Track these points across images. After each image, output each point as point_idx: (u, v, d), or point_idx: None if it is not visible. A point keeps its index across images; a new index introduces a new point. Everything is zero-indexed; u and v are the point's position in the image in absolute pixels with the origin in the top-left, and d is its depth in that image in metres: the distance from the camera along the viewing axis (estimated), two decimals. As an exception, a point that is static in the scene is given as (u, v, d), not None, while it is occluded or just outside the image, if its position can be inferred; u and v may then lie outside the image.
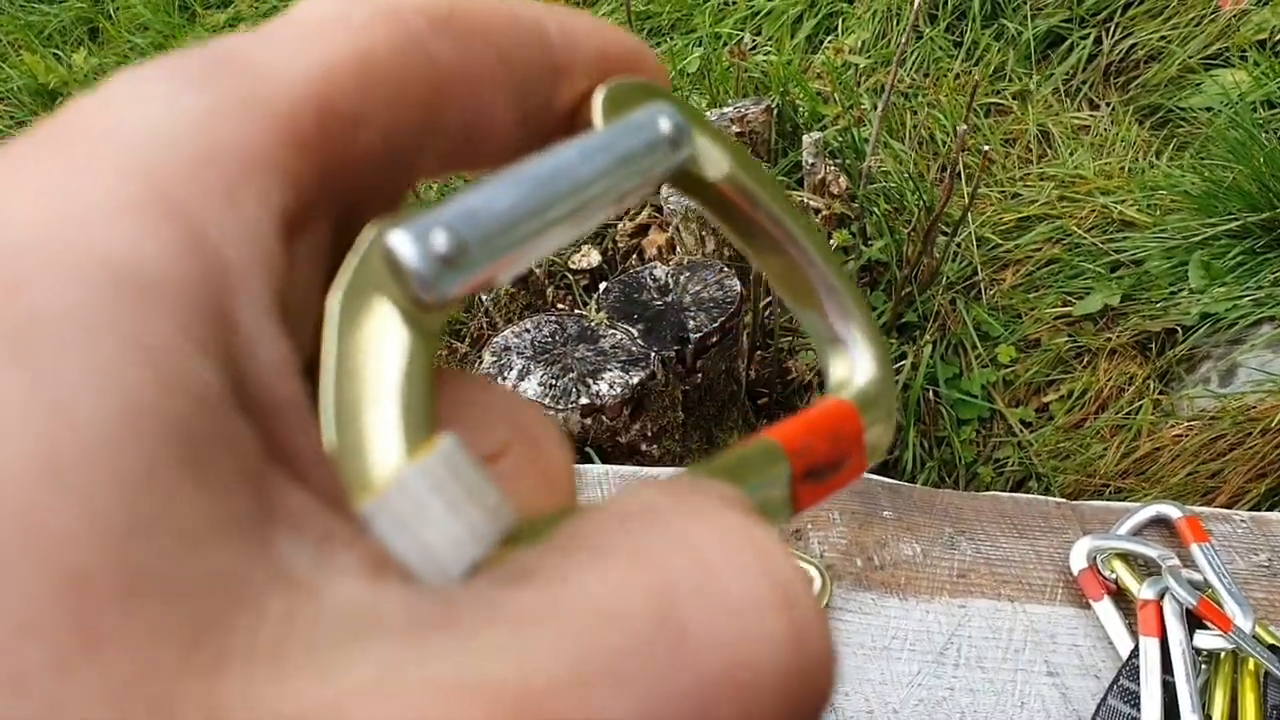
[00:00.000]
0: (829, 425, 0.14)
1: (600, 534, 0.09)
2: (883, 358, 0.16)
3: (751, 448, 0.14)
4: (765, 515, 0.13)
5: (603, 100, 0.14)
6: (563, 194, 0.13)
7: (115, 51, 2.06)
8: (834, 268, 0.16)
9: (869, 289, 1.15)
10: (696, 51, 1.51)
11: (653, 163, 0.14)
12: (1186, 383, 1.06)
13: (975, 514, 0.68)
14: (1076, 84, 1.52)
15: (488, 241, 0.11)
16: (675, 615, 0.08)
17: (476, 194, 0.12)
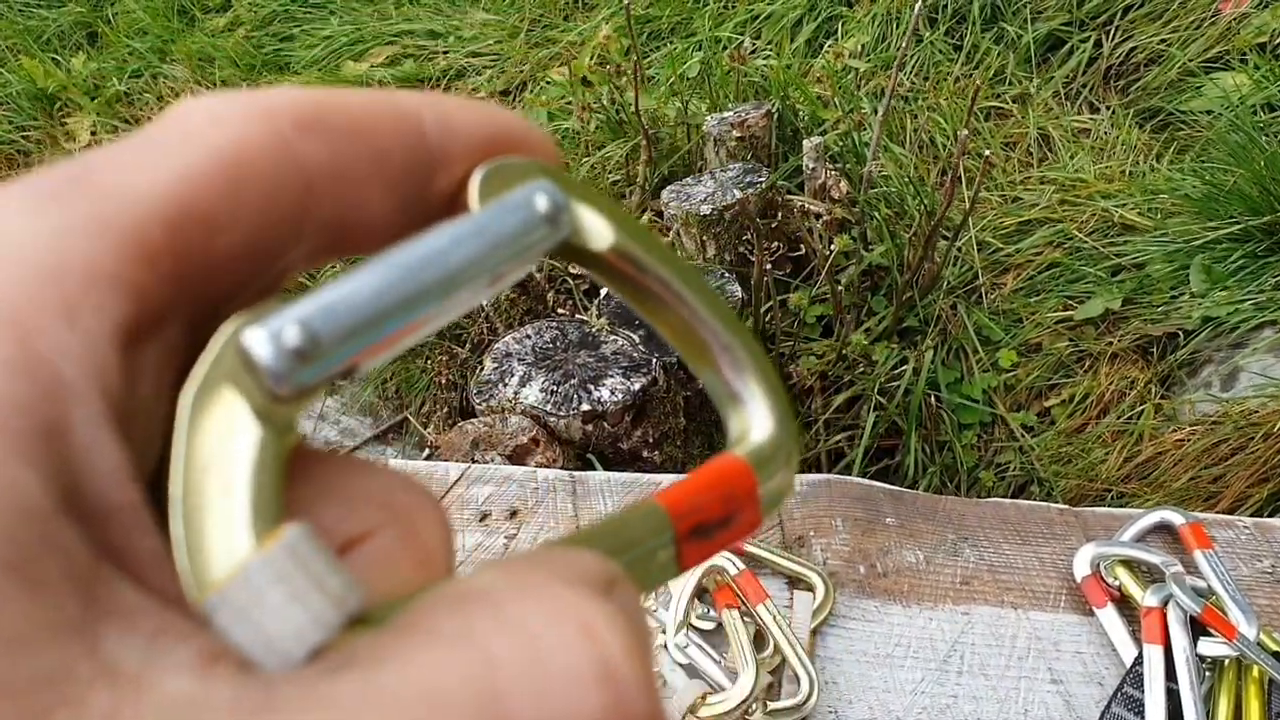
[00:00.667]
0: (720, 484, 0.15)
1: (434, 616, 0.10)
2: (780, 409, 0.16)
3: (635, 512, 0.14)
4: (645, 578, 0.14)
5: (479, 183, 0.14)
6: (430, 281, 0.13)
7: (114, 56, 2.07)
8: (726, 324, 0.16)
9: (870, 293, 1.15)
10: (696, 55, 1.51)
11: (530, 241, 0.14)
12: (1188, 387, 1.06)
13: (978, 520, 0.68)
14: (1076, 87, 1.52)
15: (343, 334, 0.12)
16: (497, 696, 0.09)
17: (338, 286, 0.12)
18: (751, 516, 0.15)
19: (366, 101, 0.13)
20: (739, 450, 0.16)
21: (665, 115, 1.35)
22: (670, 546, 0.14)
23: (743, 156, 1.18)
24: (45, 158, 1.97)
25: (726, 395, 0.17)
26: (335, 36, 1.95)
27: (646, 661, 0.10)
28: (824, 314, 1.11)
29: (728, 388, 0.16)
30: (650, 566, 0.14)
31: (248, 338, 0.11)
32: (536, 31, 1.80)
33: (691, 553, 0.14)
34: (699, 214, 1.07)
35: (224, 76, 1.95)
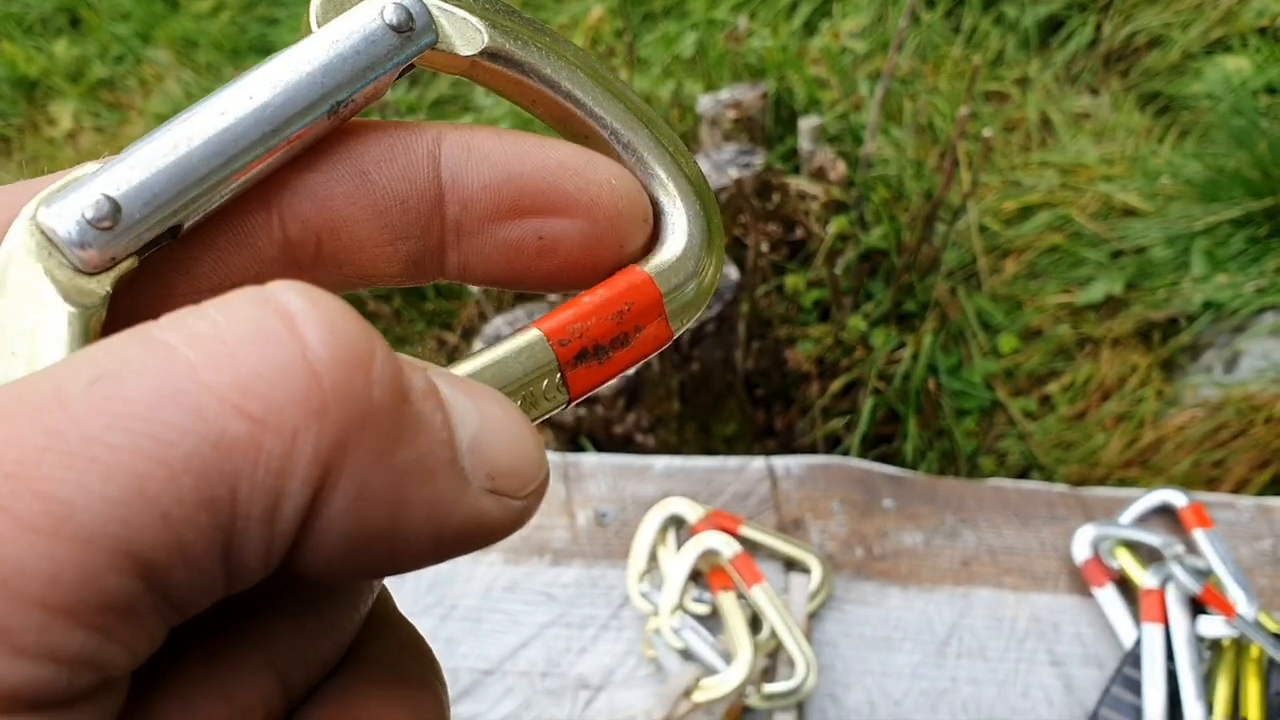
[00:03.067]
0: (612, 302, 0.14)
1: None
2: (698, 211, 0.15)
3: (514, 344, 0.14)
4: (533, 409, 0.13)
5: (318, 2, 0.14)
6: (248, 123, 0.12)
7: (96, 41, 2.04)
8: (633, 124, 0.15)
9: (868, 277, 1.14)
10: (691, 36, 1.49)
11: (376, 57, 0.13)
12: (1189, 372, 1.05)
13: (978, 503, 0.67)
14: (1077, 70, 1.50)
15: (149, 196, 0.12)
16: (185, 371, 0.10)
17: (144, 145, 0.12)
18: (658, 330, 0.15)
19: None
20: (644, 261, 0.15)
21: (659, 97, 1.33)
22: (555, 372, 0.14)
23: (738, 138, 1.16)
24: (26, 145, 1.94)
25: None
26: (324, 20, 1.92)
27: (357, 326, 0.11)
28: (821, 298, 1.10)
29: None
30: (536, 398, 0.13)
31: (45, 216, 0.11)
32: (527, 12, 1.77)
33: (582, 377, 0.14)
34: (694, 196, 1.05)
35: (208, 61, 1.92)
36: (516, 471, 0.12)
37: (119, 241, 0.12)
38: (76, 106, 1.93)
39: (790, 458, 0.69)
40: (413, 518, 0.11)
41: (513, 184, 0.14)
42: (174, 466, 0.10)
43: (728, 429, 0.94)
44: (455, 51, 0.14)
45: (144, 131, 0.87)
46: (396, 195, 0.14)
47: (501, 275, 0.15)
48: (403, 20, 0.13)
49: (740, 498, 0.68)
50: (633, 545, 0.61)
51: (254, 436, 0.10)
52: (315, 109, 0.13)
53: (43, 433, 0.09)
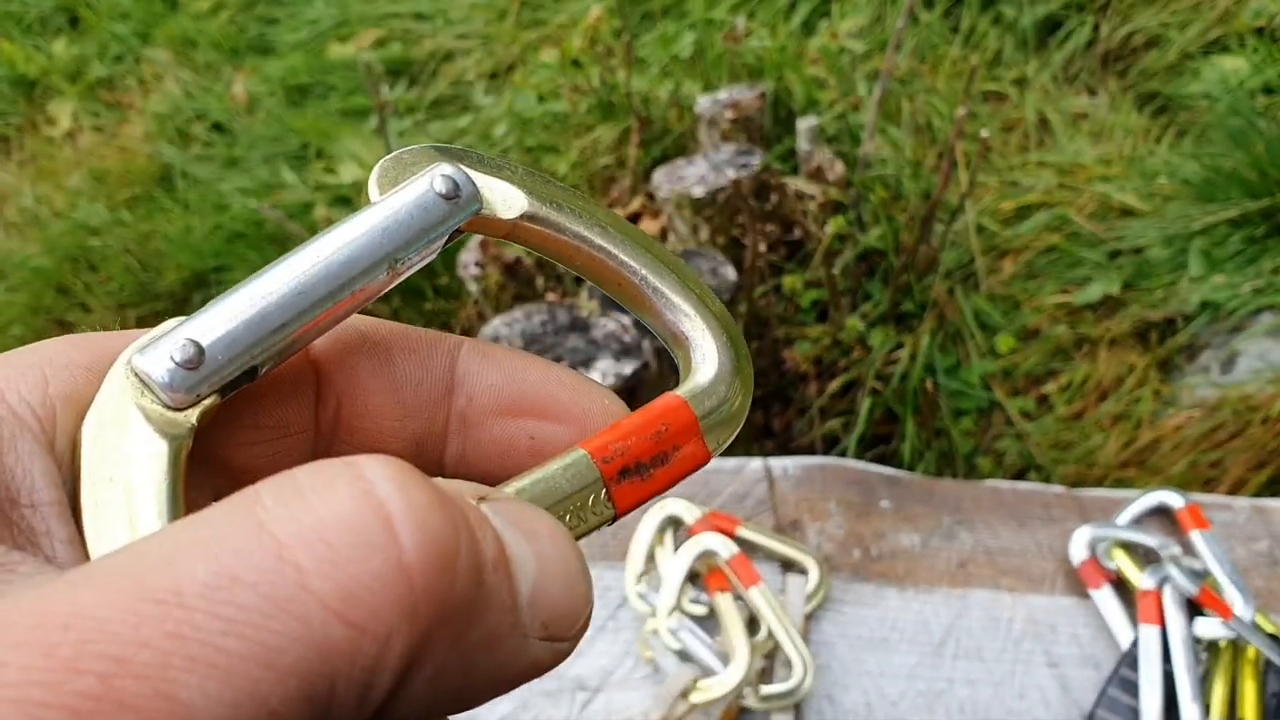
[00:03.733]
0: (651, 423, 0.16)
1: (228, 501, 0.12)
2: (723, 340, 0.17)
3: (559, 462, 0.15)
4: (580, 524, 0.15)
5: (377, 175, 0.16)
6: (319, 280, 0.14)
7: (95, 40, 2.03)
8: (655, 269, 0.17)
9: (866, 277, 1.14)
10: (690, 36, 1.49)
11: (430, 224, 0.15)
12: (1187, 372, 1.05)
13: (974, 504, 0.67)
14: (1075, 70, 1.50)
15: (230, 342, 0.14)
16: (279, 551, 0.11)
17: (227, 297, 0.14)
18: (695, 450, 0.16)
19: None
20: (679, 388, 0.16)
21: (657, 97, 1.33)
22: (600, 488, 0.15)
23: (736, 138, 1.16)
24: (26, 144, 1.93)
25: (670, 336, 0.17)
26: (320, 19, 1.91)
27: (445, 521, 0.12)
28: (819, 298, 1.10)
29: (669, 329, 0.17)
30: (584, 513, 0.15)
31: (138, 360, 0.14)
32: (526, 12, 1.77)
33: (627, 493, 0.15)
34: (691, 196, 1.06)
35: (207, 60, 1.91)
36: (569, 616, 0.13)
37: (204, 382, 0.14)
38: (75, 106, 1.93)
39: (788, 459, 0.69)
40: (480, 678, 0.13)
41: (515, 386, 0.16)
42: (282, 670, 0.11)
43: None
44: (498, 216, 0.16)
45: (143, 131, 0.88)
46: (411, 377, 0.16)
47: (494, 470, 0.17)
48: (451, 190, 0.15)
49: (738, 498, 0.67)
50: (630, 547, 0.61)
51: (353, 641, 0.11)
52: (376, 269, 0.15)
53: (166, 635, 0.10)
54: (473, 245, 1.10)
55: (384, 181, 0.15)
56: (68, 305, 1.53)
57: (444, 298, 1.23)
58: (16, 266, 1.62)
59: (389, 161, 0.16)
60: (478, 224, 0.16)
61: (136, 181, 1.71)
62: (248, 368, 0.14)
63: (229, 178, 1.64)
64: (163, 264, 1.53)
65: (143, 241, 1.57)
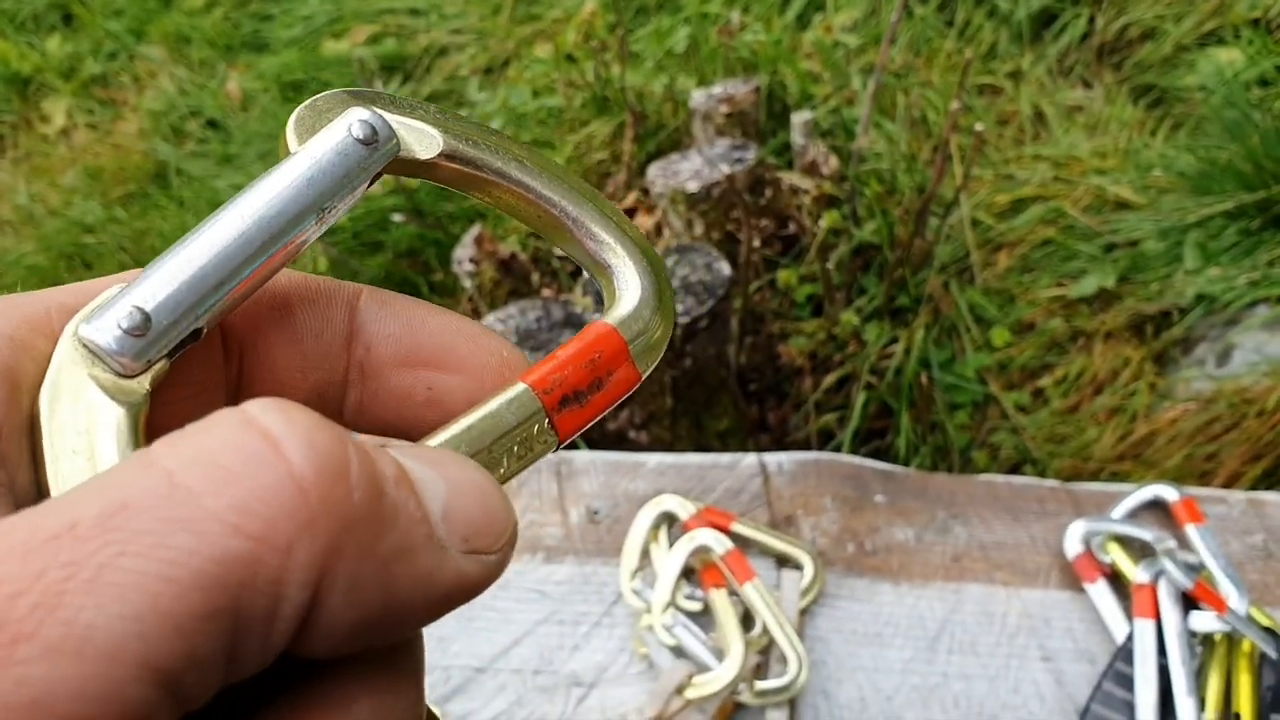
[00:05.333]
0: (584, 352, 0.16)
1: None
2: (642, 264, 0.17)
3: (503, 397, 0.15)
4: (527, 454, 0.15)
5: (293, 125, 0.16)
6: (252, 237, 0.15)
7: (89, 37, 2.02)
8: (574, 199, 0.17)
9: (861, 271, 1.13)
10: (684, 30, 1.49)
11: (351, 168, 0.15)
12: (1182, 365, 1.05)
13: (969, 498, 0.67)
14: (1070, 63, 1.50)
15: (173, 306, 0.14)
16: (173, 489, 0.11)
17: (164, 262, 0.14)
18: (626, 373, 0.16)
19: None
20: (605, 315, 0.17)
21: (651, 92, 1.33)
22: (543, 418, 0.15)
23: (731, 132, 1.16)
24: (20, 142, 1.92)
25: (593, 265, 0.18)
26: (315, 15, 1.90)
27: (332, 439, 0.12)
28: (814, 293, 1.10)
29: (592, 258, 0.17)
30: (531, 443, 0.15)
31: (86, 330, 0.14)
32: (520, 7, 1.76)
33: (568, 420, 0.16)
34: (686, 191, 1.05)
35: (201, 57, 1.90)
36: (488, 528, 0.14)
37: (152, 347, 0.14)
38: (70, 103, 1.92)
39: (782, 454, 0.69)
40: (403, 593, 0.13)
41: (413, 336, 0.17)
42: (183, 584, 0.11)
43: (721, 424, 0.94)
44: (416, 157, 0.16)
45: (137, 128, 0.88)
46: (311, 328, 0.17)
47: (394, 421, 0.17)
48: (368, 134, 0.15)
49: (732, 494, 0.67)
50: (625, 542, 0.61)
51: (253, 552, 0.11)
52: (304, 218, 0.15)
53: (62, 564, 0.11)
54: (467, 241, 1.09)
55: (301, 130, 0.16)
56: (61, 304, 1.52)
57: (439, 294, 1.23)
58: (11, 265, 1.61)
59: (304, 110, 0.16)
60: (397, 165, 0.16)
61: (131, 179, 1.71)
62: (193, 329, 0.14)
63: (224, 175, 1.63)
64: (157, 262, 1.52)
65: (138, 239, 1.56)
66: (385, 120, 0.16)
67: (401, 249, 1.31)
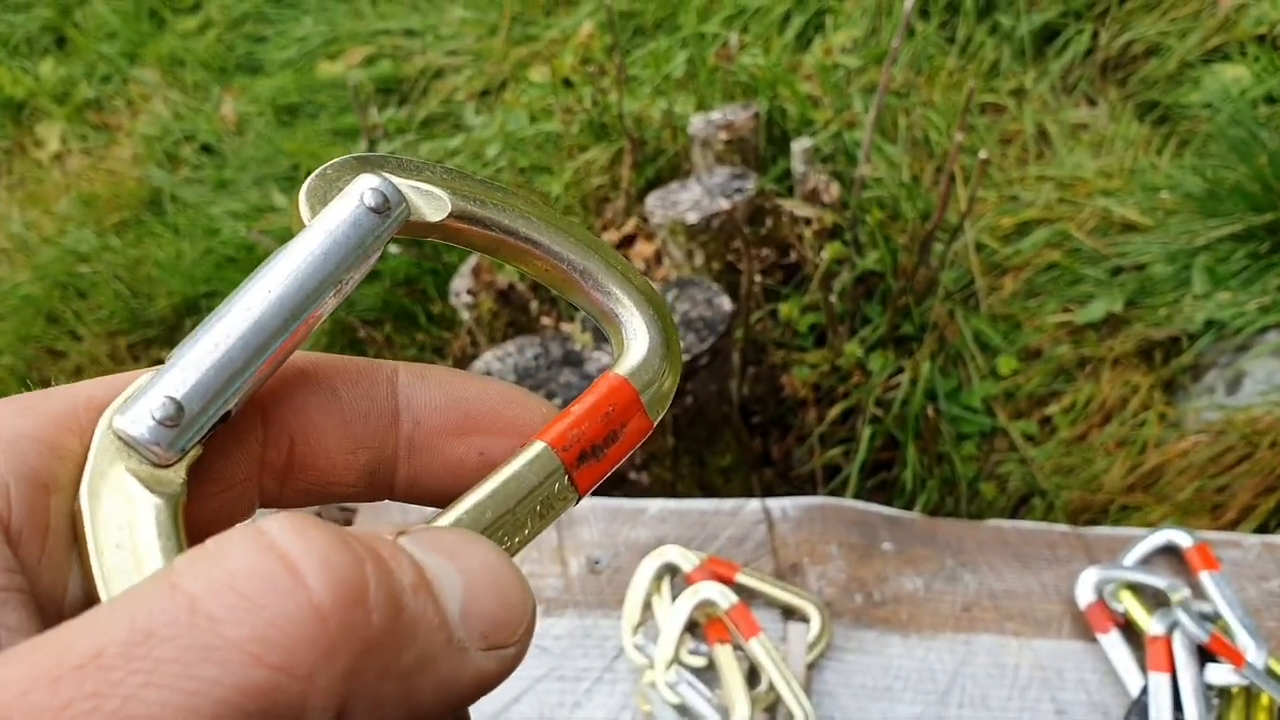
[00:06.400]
0: (598, 406, 0.16)
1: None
2: (649, 314, 0.18)
3: (523, 458, 0.16)
4: (548, 512, 0.15)
5: (305, 197, 0.16)
6: (274, 318, 0.15)
7: (83, 60, 2.02)
8: (581, 253, 0.18)
9: (864, 300, 1.12)
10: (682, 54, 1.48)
11: (365, 238, 0.16)
12: (1192, 392, 1.03)
13: (977, 545, 0.65)
14: (1074, 80, 1.49)
15: (203, 393, 0.14)
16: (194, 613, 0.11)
17: (188, 349, 0.14)
18: (639, 424, 0.17)
19: None
20: (616, 367, 0.17)
21: (650, 117, 1.32)
22: (563, 475, 0.16)
23: (730, 159, 1.15)
24: (14, 167, 1.92)
25: (601, 316, 0.18)
26: (309, 37, 1.90)
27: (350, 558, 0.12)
28: (817, 322, 1.08)
29: (600, 309, 0.18)
30: (552, 501, 0.16)
31: (120, 423, 0.14)
32: (517, 29, 1.76)
33: (586, 475, 0.16)
34: (685, 222, 1.04)
35: (195, 80, 1.90)
36: (506, 621, 0.14)
37: (185, 435, 0.14)
38: (63, 128, 1.92)
39: (786, 500, 0.68)
40: (425, 702, 0.13)
41: (459, 408, 0.17)
42: (206, 714, 0.11)
43: (724, 460, 0.92)
44: (426, 220, 0.17)
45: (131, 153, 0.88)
46: (359, 410, 0.17)
47: (447, 490, 0.17)
48: (380, 203, 0.16)
49: (736, 541, 0.66)
50: (627, 596, 0.60)
51: (274, 681, 0.11)
52: (323, 292, 0.15)
53: (87, 695, 0.11)
54: (465, 272, 1.08)
55: (313, 201, 0.16)
56: (58, 334, 1.51)
57: (438, 325, 1.21)
58: (6, 294, 1.61)
59: (315, 180, 0.16)
60: (407, 229, 0.17)
61: (126, 205, 1.70)
62: (223, 413, 0.15)
63: (219, 200, 1.62)
64: (153, 290, 1.51)
65: (133, 267, 1.56)
66: (395, 186, 0.16)
67: (399, 278, 1.30)
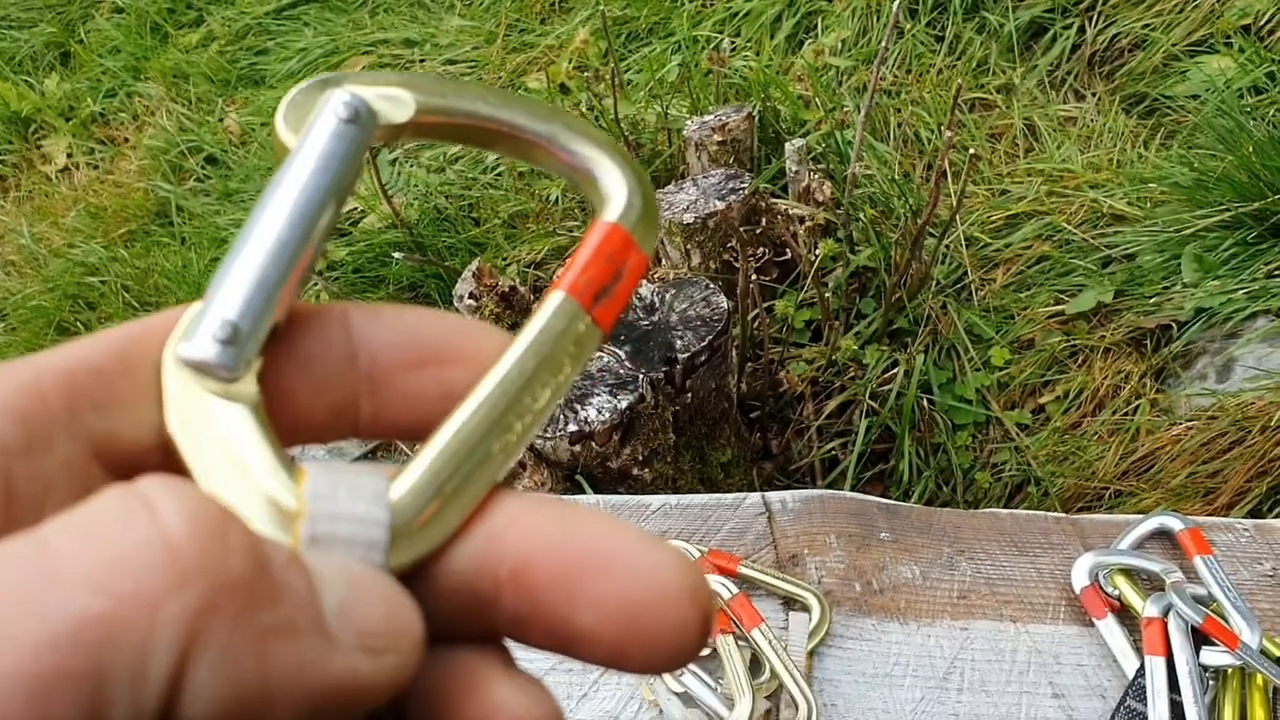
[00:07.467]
0: (601, 249, 0.17)
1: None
2: (623, 164, 0.19)
3: (548, 308, 0.17)
4: (580, 353, 0.17)
5: (283, 121, 0.17)
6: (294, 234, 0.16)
7: (87, 76, 2.04)
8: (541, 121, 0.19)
9: (859, 295, 1.14)
10: (675, 58, 1.49)
11: (349, 148, 0.16)
12: (1183, 379, 1.05)
13: (974, 532, 0.67)
14: (1061, 75, 1.50)
15: (250, 310, 0.15)
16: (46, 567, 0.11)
17: (226, 276, 0.16)
18: (637, 260, 0.18)
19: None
20: (603, 215, 0.18)
21: (645, 120, 1.33)
22: (584, 315, 0.17)
23: (725, 161, 1.17)
24: (23, 182, 1.94)
25: (575, 174, 0.19)
26: (310, 48, 1.92)
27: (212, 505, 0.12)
28: (813, 318, 1.10)
29: (573, 169, 0.19)
30: (581, 340, 0.17)
31: (186, 350, 0.15)
32: (513, 36, 1.78)
33: (605, 313, 0.17)
34: (682, 223, 1.06)
35: (199, 93, 1.92)
36: (386, 629, 0.13)
37: (246, 348, 0.15)
38: (70, 142, 1.94)
39: (786, 492, 0.69)
40: (281, 675, 0.12)
41: (412, 339, 0.17)
42: (39, 644, 0.11)
43: (724, 455, 0.94)
44: (395, 122, 0.17)
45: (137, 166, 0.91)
46: (317, 351, 0.17)
47: (410, 422, 0.17)
48: (352, 114, 0.17)
49: (737, 534, 0.67)
50: (630, 592, 0.61)
51: (116, 611, 0.11)
52: (326, 202, 0.16)
53: None
54: (467, 275, 1.10)
55: (291, 125, 0.17)
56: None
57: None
58: (17, 306, 1.63)
59: (286, 108, 0.17)
60: (381, 134, 0.17)
61: (133, 218, 1.72)
62: (270, 325, 0.16)
63: (225, 211, 1.64)
64: (162, 300, 1.53)
65: (141, 278, 1.57)
66: (360, 97, 0.17)
67: (403, 283, 1.32)
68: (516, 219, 1.40)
